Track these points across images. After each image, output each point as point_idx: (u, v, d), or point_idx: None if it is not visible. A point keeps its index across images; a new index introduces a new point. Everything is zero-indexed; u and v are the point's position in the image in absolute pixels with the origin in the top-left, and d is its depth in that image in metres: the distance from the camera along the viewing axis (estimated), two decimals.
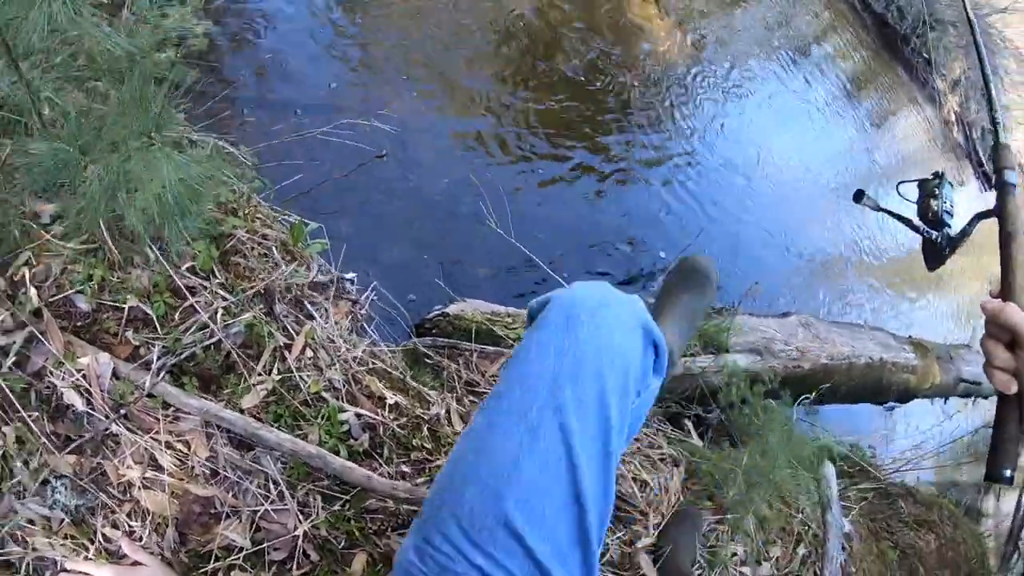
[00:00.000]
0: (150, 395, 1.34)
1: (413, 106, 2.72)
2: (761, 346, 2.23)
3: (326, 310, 1.68)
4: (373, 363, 1.59)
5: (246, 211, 1.80)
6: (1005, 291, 0.74)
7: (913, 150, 4.27)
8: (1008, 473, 0.73)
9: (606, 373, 0.88)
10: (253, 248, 1.72)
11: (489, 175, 2.67)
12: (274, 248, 1.77)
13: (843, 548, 1.72)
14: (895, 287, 3.55)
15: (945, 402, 3.14)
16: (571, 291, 0.97)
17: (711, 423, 2.17)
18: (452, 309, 2.03)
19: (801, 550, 1.70)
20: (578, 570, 0.88)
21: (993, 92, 1.12)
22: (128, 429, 1.31)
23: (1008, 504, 3.03)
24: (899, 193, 2.91)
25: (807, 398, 2.33)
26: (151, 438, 1.30)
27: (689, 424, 2.05)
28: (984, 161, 4.83)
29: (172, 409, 1.34)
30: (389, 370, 1.60)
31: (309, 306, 1.67)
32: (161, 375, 1.34)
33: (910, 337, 2.92)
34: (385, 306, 1.91)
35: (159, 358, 1.37)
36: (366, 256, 2.25)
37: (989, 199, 0.85)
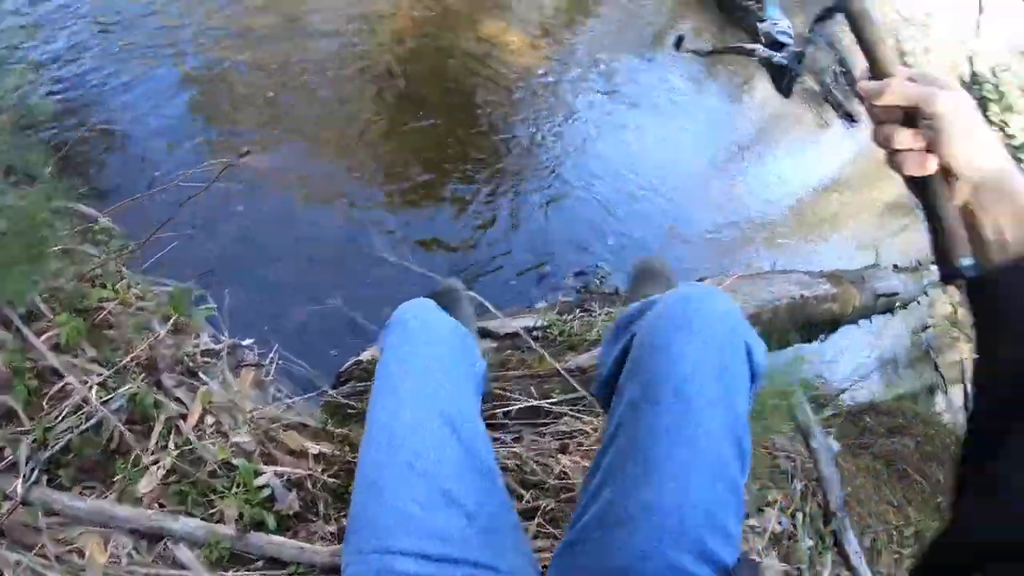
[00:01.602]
0: (25, 503, 1.14)
1: (271, 157, 2.62)
2: None
3: (224, 375, 1.52)
4: (288, 419, 1.43)
5: (115, 283, 1.62)
6: (877, 69, 0.67)
7: None
8: (966, 262, 0.61)
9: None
10: (128, 320, 1.54)
11: (369, 213, 2.61)
12: (154, 320, 1.60)
13: (836, 466, 1.65)
14: (795, 234, 3.60)
15: (871, 322, 3.26)
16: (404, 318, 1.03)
17: None
18: (365, 355, 1.89)
19: (797, 484, 1.62)
20: (494, 502, 0.89)
21: None
22: (6, 549, 1.10)
23: (957, 398, 3.28)
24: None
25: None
26: (36, 555, 1.10)
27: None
28: None
29: (55, 516, 1.15)
30: (307, 422, 1.44)
31: (203, 375, 1.50)
32: (34, 476, 1.15)
33: (821, 271, 2.96)
34: (297, 366, 1.75)
35: (29, 456, 1.17)
36: (266, 319, 2.09)
37: None
